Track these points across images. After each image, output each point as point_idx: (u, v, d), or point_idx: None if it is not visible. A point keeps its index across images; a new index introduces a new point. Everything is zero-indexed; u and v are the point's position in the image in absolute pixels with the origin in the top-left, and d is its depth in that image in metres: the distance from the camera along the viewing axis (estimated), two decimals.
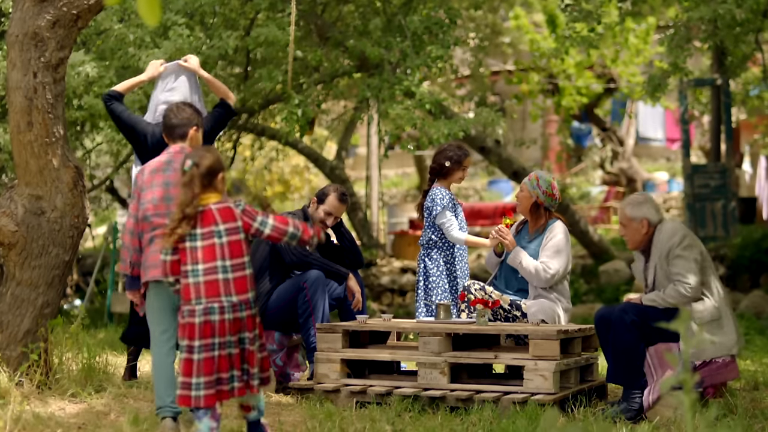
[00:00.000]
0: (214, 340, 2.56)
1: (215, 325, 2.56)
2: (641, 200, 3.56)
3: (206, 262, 2.57)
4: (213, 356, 2.55)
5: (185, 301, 2.61)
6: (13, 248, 3.56)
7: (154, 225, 2.97)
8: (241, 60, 6.92)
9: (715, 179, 8.99)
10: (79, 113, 6.07)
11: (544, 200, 4.02)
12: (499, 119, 6.69)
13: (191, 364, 2.56)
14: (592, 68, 11.18)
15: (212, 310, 2.57)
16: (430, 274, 4.16)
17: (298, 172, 13.11)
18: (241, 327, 2.60)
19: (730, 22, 6.24)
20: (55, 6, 3.55)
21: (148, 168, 3.10)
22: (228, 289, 2.58)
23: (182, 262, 2.61)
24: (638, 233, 3.52)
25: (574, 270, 8.97)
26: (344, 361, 3.69)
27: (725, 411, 3.37)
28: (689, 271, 3.41)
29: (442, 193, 4.17)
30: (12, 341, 3.52)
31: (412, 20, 6.23)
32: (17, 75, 3.55)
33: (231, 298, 2.58)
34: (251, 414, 2.72)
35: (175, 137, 3.19)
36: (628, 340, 3.42)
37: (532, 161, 13.48)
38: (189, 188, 2.60)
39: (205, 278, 2.58)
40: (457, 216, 4.20)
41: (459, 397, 3.45)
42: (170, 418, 2.93)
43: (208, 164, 2.62)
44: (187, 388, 2.55)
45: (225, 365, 2.56)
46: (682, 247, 3.44)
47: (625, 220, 3.56)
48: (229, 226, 2.61)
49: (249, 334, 2.60)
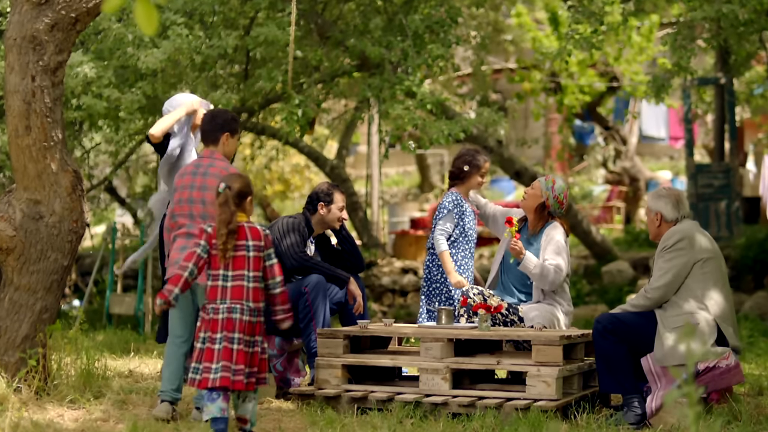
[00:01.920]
0: (234, 335, 2.91)
1: (236, 322, 2.92)
2: (662, 194, 3.60)
3: (235, 269, 2.97)
4: (232, 348, 2.90)
5: (210, 300, 2.97)
6: (11, 253, 3.53)
7: (178, 224, 3.35)
8: (241, 59, 6.89)
9: (719, 179, 8.94)
10: (77, 113, 6.04)
11: (551, 204, 4.00)
12: (501, 119, 6.64)
13: (212, 353, 2.90)
14: (594, 66, 11.12)
15: (234, 309, 2.93)
16: (434, 281, 4.13)
17: (299, 170, 13.08)
18: (253, 330, 2.96)
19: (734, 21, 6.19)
20: (53, 9, 3.52)
21: (180, 171, 3.45)
22: (248, 296, 2.96)
23: (213, 267, 2.98)
24: (653, 225, 3.59)
25: (576, 271, 8.93)
26: (345, 366, 3.66)
27: (729, 417, 3.34)
28: (661, 274, 3.43)
29: (451, 197, 4.13)
30: (10, 347, 3.50)
31: (413, 19, 6.19)
32: (15, 78, 3.53)
33: (249, 304, 2.95)
34: (247, 426, 2.99)
35: (208, 142, 3.43)
36: (605, 347, 3.45)
37: (534, 160, 13.44)
38: (226, 207, 2.98)
39: (233, 283, 2.96)
40: (464, 222, 4.14)
41: (461, 404, 3.42)
42: (168, 402, 3.29)
43: (239, 188, 3.00)
44: (207, 372, 2.88)
45: (241, 359, 2.89)
46: (670, 250, 3.44)
47: (646, 209, 3.67)
48: (256, 243, 3.01)
49: (258, 338, 2.97)
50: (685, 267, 3.43)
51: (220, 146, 3.41)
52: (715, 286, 3.47)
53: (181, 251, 3.27)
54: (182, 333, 3.34)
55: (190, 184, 3.33)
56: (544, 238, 3.97)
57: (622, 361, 3.42)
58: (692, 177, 9.09)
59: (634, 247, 9.73)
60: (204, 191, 3.31)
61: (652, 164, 14.66)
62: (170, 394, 3.30)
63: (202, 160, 3.40)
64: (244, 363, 2.89)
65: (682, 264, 3.43)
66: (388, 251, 10.27)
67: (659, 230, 3.55)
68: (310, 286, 3.84)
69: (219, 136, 3.40)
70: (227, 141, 3.42)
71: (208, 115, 3.49)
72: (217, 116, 3.47)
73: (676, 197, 3.57)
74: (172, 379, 3.30)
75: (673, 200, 3.54)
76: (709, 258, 3.49)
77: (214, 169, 3.35)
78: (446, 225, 4.09)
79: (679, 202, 3.56)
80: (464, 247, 4.16)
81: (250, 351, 2.92)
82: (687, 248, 3.44)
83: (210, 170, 3.35)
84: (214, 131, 3.41)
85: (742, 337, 6.03)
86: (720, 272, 3.52)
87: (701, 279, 3.44)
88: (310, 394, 3.64)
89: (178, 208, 3.32)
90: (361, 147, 15.35)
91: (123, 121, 6.44)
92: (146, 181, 9.13)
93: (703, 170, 9.16)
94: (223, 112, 3.52)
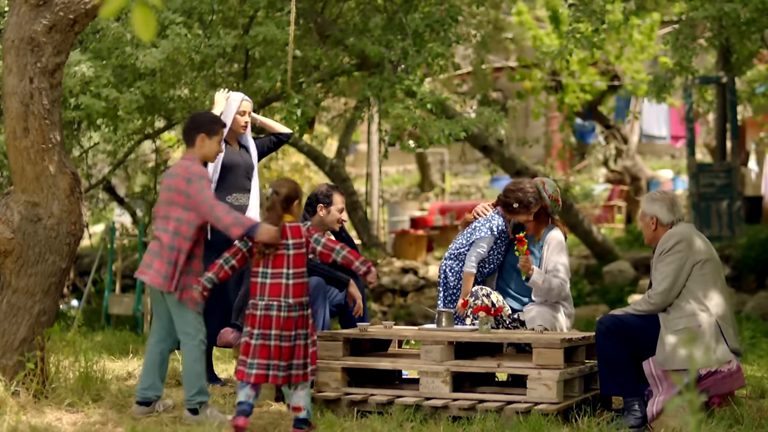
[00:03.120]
0: (271, 332, 3.05)
1: (272, 319, 3.06)
2: (657, 197, 3.57)
3: (275, 267, 3.10)
4: (268, 345, 3.05)
5: (252, 295, 3.13)
6: (9, 256, 3.52)
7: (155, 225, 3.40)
8: (240, 58, 6.86)
9: (721, 178, 8.90)
10: (75, 113, 6.01)
11: (549, 204, 4.00)
12: (501, 119, 6.62)
13: (249, 347, 3.06)
14: (595, 65, 11.09)
15: (272, 306, 3.08)
16: (450, 286, 4.08)
17: (298, 169, 13.05)
18: (295, 324, 3.09)
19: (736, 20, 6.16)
20: (51, 11, 3.49)
21: (167, 173, 3.47)
22: (287, 292, 3.09)
23: (255, 265, 3.13)
24: (648, 229, 3.56)
25: (577, 271, 8.90)
26: (345, 369, 3.64)
27: (731, 421, 3.32)
28: (663, 278, 3.41)
29: (499, 223, 4.03)
30: (8, 350, 3.48)
31: (413, 18, 6.16)
32: (13, 80, 3.50)
33: (288, 300, 3.08)
34: (301, 414, 3.12)
35: (187, 143, 3.46)
36: (607, 348, 3.43)
37: (534, 158, 13.40)
38: (273, 211, 3.14)
39: (272, 281, 3.10)
40: (494, 250, 4.03)
41: (461, 407, 3.40)
42: (140, 403, 3.39)
43: (286, 193, 3.17)
44: (243, 365, 3.06)
45: (277, 354, 3.05)
46: (669, 253, 3.43)
47: (641, 213, 3.64)
48: (296, 241, 3.14)
49: (301, 331, 3.10)
50: (684, 269, 3.42)
51: (196, 148, 3.39)
52: (715, 287, 3.45)
53: (147, 253, 3.37)
54: (157, 333, 3.40)
55: (164, 188, 3.39)
56: (546, 246, 3.97)
57: (624, 363, 3.41)
58: (694, 176, 9.05)
59: (635, 246, 9.70)
60: (169, 192, 3.34)
61: (653, 163, 14.62)
62: (141, 393, 3.39)
63: (177, 162, 3.47)
64: (282, 358, 3.03)
65: (681, 266, 3.42)
66: (388, 251, 10.24)
67: (655, 234, 3.53)
68: (310, 289, 3.81)
69: (195, 137, 3.38)
70: (203, 142, 3.38)
71: (189, 117, 3.53)
72: (195, 118, 3.48)
73: (671, 200, 3.55)
74: (144, 379, 3.39)
75: (668, 203, 3.53)
76: (707, 260, 3.47)
77: (179, 168, 3.35)
78: (483, 247, 4.00)
79: (674, 205, 3.55)
80: (486, 271, 4.08)
81: (291, 345, 3.05)
82: (685, 250, 3.43)
83: (176, 170, 3.36)
84: (189, 131, 3.42)
85: (744, 339, 6.00)
86: (718, 274, 3.51)
87: (701, 280, 3.43)
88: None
89: (155, 211, 3.45)
90: (361, 145, 15.31)
91: (121, 120, 6.41)
92: (145, 180, 9.09)
93: (704, 169, 9.13)
94: (203, 114, 3.53)
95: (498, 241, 4.05)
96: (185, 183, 3.27)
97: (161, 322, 3.39)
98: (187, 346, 3.29)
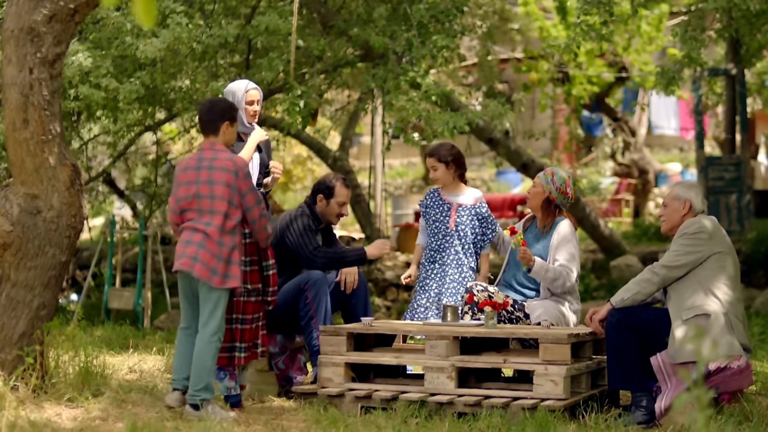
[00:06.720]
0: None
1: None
2: (693, 184, 3.61)
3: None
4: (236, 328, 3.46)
5: None
6: (8, 249, 3.47)
7: (187, 218, 3.34)
8: (242, 49, 6.78)
9: (730, 171, 8.80)
10: (74, 103, 5.95)
11: (556, 197, 3.92)
12: (507, 112, 6.54)
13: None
14: (603, 56, 10.97)
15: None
16: None
17: (301, 162, 13.00)
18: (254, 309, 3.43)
19: (746, 12, 6.06)
20: (51, 0, 3.44)
21: (182, 165, 3.38)
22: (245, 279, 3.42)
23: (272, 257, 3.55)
24: (677, 213, 3.50)
25: (584, 265, 8.80)
26: (348, 364, 3.60)
27: (740, 418, 3.26)
28: (675, 256, 3.38)
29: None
30: (7, 344, 3.44)
31: (417, 9, 6.07)
32: (13, 71, 3.45)
33: (246, 286, 3.41)
34: None
35: (208, 132, 3.39)
36: (617, 341, 3.37)
37: (541, 151, 13.31)
38: None
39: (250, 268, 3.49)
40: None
41: (467, 403, 3.36)
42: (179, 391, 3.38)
43: None
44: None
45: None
46: (690, 236, 3.39)
47: (668, 200, 3.56)
48: None
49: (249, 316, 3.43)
50: (701, 254, 3.38)
51: (220, 136, 3.37)
52: (728, 281, 3.41)
53: (186, 245, 3.26)
54: (190, 322, 3.38)
55: (195, 180, 3.30)
56: (555, 237, 3.89)
57: (634, 357, 3.35)
58: (702, 170, 8.95)
59: (643, 241, 9.61)
60: (212, 185, 3.29)
61: (662, 156, 14.51)
62: (181, 382, 3.36)
63: (203, 153, 3.37)
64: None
65: (699, 251, 3.38)
66: (392, 245, 10.18)
67: (683, 219, 3.49)
68: (310, 283, 3.76)
69: (219, 126, 3.36)
70: (227, 130, 3.38)
71: (206, 105, 3.44)
72: (215, 105, 3.41)
73: (703, 191, 3.60)
74: (182, 368, 3.34)
75: (702, 193, 3.56)
76: (726, 253, 3.44)
77: (219, 162, 3.31)
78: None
79: (703, 196, 3.59)
80: None
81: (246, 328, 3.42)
82: (707, 239, 3.40)
83: (215, 164, 3.31)
84: (213, 121, 3.37)
85: (754, 334, 5.93)
86: (735, 270, 3.46)
87: (716, 272, 3.38)
88: (313, 392, 3.59)
89: (186, 204, 3.32)
90: (365, 137, 15.24)
91: (121, 111, 6.35)
92: (145, 172, 9.03)
93: (713, 163, 9.02)
94: (221, 101, 3.46)
95: None
96: (233, 176, 3.28)
97: (194, 311, 3.37)
98: (205, 340, 3.27)
